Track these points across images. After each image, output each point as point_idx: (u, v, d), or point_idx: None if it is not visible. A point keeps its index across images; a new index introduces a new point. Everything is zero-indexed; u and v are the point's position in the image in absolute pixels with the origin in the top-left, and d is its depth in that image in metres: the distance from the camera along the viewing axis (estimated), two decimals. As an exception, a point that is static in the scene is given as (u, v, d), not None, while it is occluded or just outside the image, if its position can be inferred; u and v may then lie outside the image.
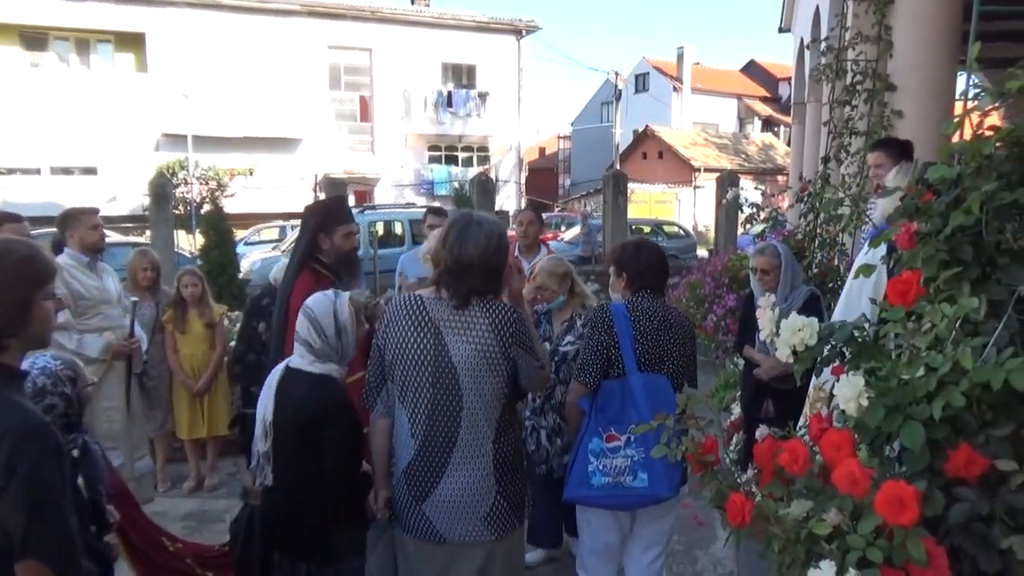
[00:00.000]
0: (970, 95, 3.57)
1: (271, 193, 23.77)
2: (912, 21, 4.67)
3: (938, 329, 1.66)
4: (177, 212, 15.84)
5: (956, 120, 1.86)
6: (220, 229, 9.68)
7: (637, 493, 2.77)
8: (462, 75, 28.01)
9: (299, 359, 2.55)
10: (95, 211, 4.48)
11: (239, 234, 15.95)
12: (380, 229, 15.20)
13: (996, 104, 1.87)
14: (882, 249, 2.59)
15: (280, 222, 20.91)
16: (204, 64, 22.89)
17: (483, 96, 27.59)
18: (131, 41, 23.14)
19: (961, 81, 5.05)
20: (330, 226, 3.39)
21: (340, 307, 2.58)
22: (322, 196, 12.74)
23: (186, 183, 20.97)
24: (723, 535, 3.68)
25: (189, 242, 18.23)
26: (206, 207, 19.57)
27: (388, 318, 2.47)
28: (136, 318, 4.49)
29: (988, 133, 1.82)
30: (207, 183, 21.62)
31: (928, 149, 3.75)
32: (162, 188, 9.82)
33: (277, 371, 2.60)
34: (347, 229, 3.42)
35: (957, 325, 1.73)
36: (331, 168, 22.97)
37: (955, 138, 2.22)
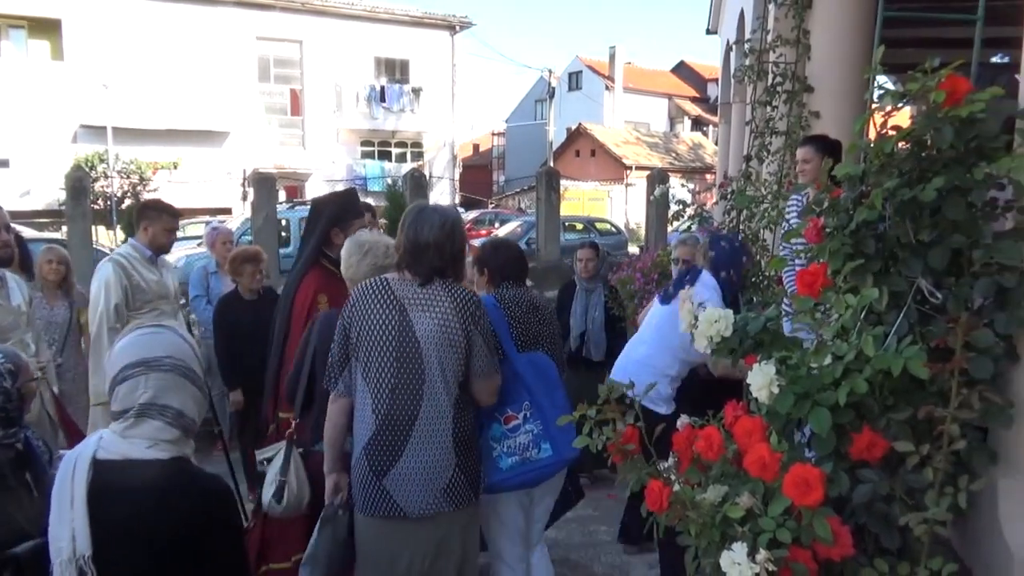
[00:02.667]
0: (874, 97, 3.73)
1: (197, 188, 23.06)
2: (828, 26, 4.85)
3: (843, 319, 1.74)
4: (96, 207, 15.23)
5: (862, 120, 1.95)
6: (142, 224, 9.34)
7: (545, 463, 2.85)
8: (395, 70, 27.74)
9: (136, 443, 1.67)
10: (177, 213, 4.37)
11: (163, 230, 15.34)
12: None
13: (899, 105, 1.97)
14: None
15: (206, 217, 20.30)
16: (125, 53, 22.01)
17: (417, 91, 27.41)
18: (46, 27, 22.08)
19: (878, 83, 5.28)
20: (346, 220, 3.29)
21: (194, 345, 1.89)
22: (251, 191, 12.42)
23: (106, 176, 20.19)
24: (650, 524, 3.74)
25: (109, 238, 17.57)
26: (127, 202, 18.88)
27: (354, 298, 2.56)
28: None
29: (891, 133, 1.91)
30: (128, 177, 20.86)
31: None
32: (79, 182, 9.45)
33: (73, 471, 1.65)
34: (361, 223, 3.36)
35: (862, 315, 1.82)
36: (260, 163, 22.41)
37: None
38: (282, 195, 21.08)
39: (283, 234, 13.98)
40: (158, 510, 1.64)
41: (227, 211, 22.71)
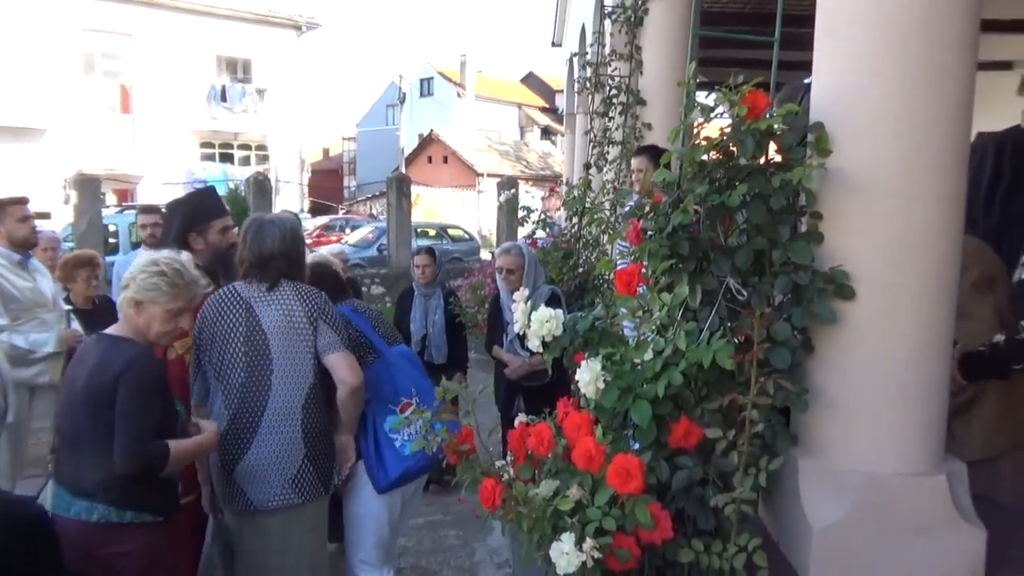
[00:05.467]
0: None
1: (8, 190, 20.88)
2: (657, 43, 5.16)
3: (660, 316, 1.85)
4: None
5: (675, 130, 2.08)
6: (-61, 230, 8.36)
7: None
8: (237, 69, 26.52)
9: None
10: (24, 201, 4.00)
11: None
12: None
13: (710, 117, 2.13)
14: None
15: (22, 223, 18.45)
16: (-81, 38, 19.63)
17: (261, 92, 26.33)
18: None
19: (700, 98, 5.64)
20: (202, 223, 3.13)
21: None
22: (72, 194, 11.45)
23: None
24: (498, 525, 3.81)
25: (-99, 245, 15.57)
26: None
27: (204, 307, 2.65)
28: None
29: (703, 143, 2.06)
30: (-76, 177, 18.59)
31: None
32: None
33: None
34: (223, 223, 3.20)
35: (679, 312, 1.95)
36: (85, 163, 20.65)
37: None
38: (111, 199, 19.61)
39: (111, 240, 13.01)
40: None
41: (46, 215, 20.72)
